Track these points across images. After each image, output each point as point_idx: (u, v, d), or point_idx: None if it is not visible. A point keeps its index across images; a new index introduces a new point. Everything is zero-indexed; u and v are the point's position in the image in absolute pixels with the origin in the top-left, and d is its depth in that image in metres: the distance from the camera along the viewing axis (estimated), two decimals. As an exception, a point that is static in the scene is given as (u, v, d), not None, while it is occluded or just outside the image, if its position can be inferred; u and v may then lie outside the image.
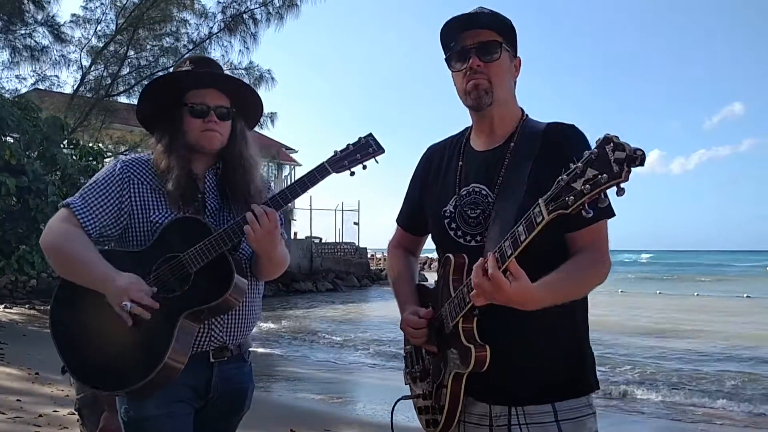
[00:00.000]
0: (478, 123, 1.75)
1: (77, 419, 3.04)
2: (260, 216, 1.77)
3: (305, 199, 29.52)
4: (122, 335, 1.79)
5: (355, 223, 30.80)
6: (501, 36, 1.67)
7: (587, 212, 1.23)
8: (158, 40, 14.65)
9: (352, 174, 1.87)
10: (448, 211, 1.72)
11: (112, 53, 14.50)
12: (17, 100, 10.39)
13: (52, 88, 14.54)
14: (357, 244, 30.28)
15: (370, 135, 1.88)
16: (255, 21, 14.54)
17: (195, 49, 14.61)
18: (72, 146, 10.30)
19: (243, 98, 2.00)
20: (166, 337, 1.74)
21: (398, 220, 1.98)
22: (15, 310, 13.96)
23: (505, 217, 1.55)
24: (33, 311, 13.87)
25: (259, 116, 2.10)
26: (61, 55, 14.02)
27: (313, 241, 28.26)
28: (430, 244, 2.04)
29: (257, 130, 2.18)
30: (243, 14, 14.49)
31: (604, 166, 1.18)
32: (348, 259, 29.00)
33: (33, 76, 14.05)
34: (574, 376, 1.63)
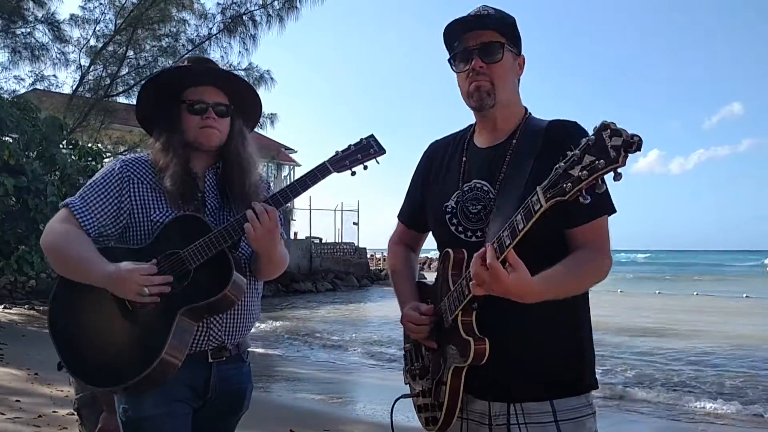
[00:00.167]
0: (481, 122, 1.77)
1: (76, 419, 3.04)
2: (260, 214, 1.77)
3: (305, 199, 29.56)
4: (120, 331, 1.79)
5: (354, 223, 30.81)
6: (504, 36, 1.67)
7: (585, 198, 1.24)
8: (157, 41, 14.65)
9: (353, 174, 1.87)
10: (450, 206, 1.73)
11: (111, 53, 14.50)
12: (16, 100, 10.38)
13: (51, 89, 14.54)
14: (356, 244, 30.27)
15: (372, 136, 1.89)
16: (254, 23, 14.55)
17: (194, 50, 14.61)
18: (71, 146, 10.30)
19: (242, 96, 1.99)
20: (164, 333, 1.74)
21: (399, 216, 1.99)
22: (14, 310, 13.94)
23: (505, 213, 1.55)
24: (32, 312, 13.85)
25: (259, 115, 2.10)
26: (61, 52, 14.03)
27: (312, 241, 28.24)
28: (429, 244, 2.04)
29: (256, 130, 2.18)
30: (242, 16, 14.50)
31: (601, 152, 1.19)
32: (347, 260, 28.99)
33: (31, 77, 14.06)
34: (573, 373, 1.63)
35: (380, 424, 5.88)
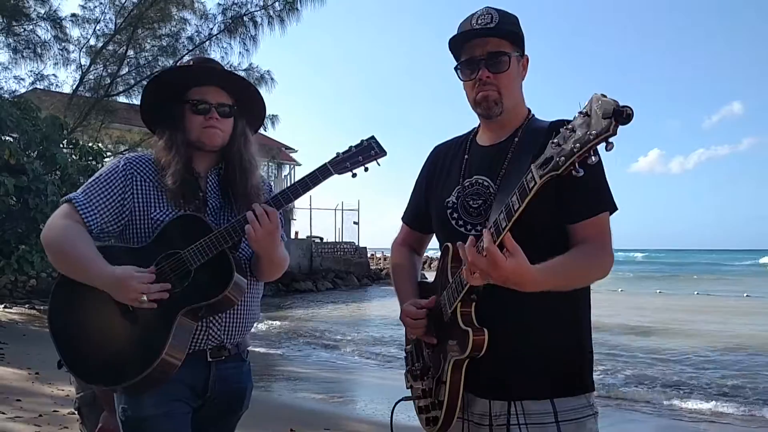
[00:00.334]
0: (486, 124, 1.78)
1: (77, 419, 3.04)
2: (260, 215, 1.77)
3: (305, 198, 29.50)
4: (120, 331, 1.79)
5: (354, 223, 30.81)
6: (509, 42, 1.67)
7: (577, 171, 1.24)
8: (158, 40, 14.64)
9: (354, 176, 1.87)
10: (451, 201, 1.74)
11: (111, 53, 14.49)
12: (16, 100, 10.38)
13: (51, 88, 14.54)
14: (357, 243, 30.27)
15: (373, 137, 1.90)
16: (255, 24, 14.55)
17: (195, 50, 14.61)
18: (72, 146, 10.29)
19: (246, 98, 2.00)
20: (164, 333, 1.74)
21: (404, 217, 2.01)
22: (15, 309, 13.94)
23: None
24: (33, 311, 13.85)
25: (263, 117, 2.09)
26: (64, 49, 14.01)
27: (313, 240, 28.24)
28: (430, 245, 2.05)
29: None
30: (243, 17, 14.50)
31: (592, 124, 1.20)
32: (348, 259, 28.99)
33: (31, 76, 14.05)
34: (574, 369, 1.63)
35: (381, 423, 5.89)
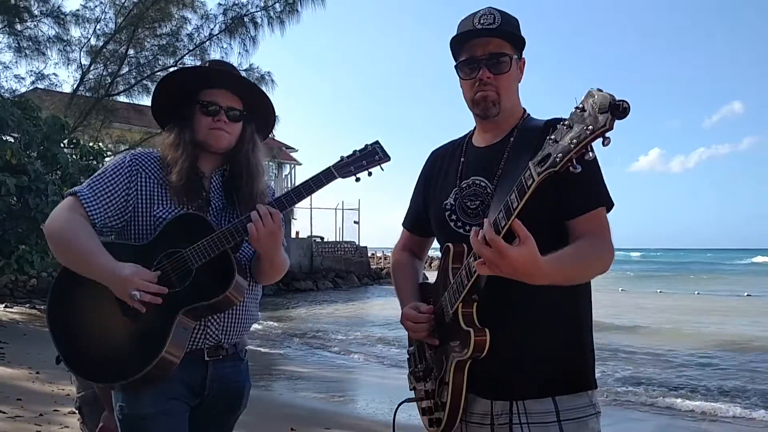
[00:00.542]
0: (482, 125, 1.79)
1: (78, 418, 3.05)
2: (264, 216, 1.78)
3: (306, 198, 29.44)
4: (119, 328, 1.79)
5: (355, 222, 30.79)
6: (510, 43, 1.68)
7: (575, 168, 1.24)
8: (158, 39, 14.65)
9: (358, 180, 1.88)
10: (449, 203, 1.75)
11: (111, 52, 14.50)
12: (17, 100, 10.38)
13: (52, 88, 14.55)
14: (357, 243, 30.25)
15: (377, 142, 1.91)
16: (255, 24, 14.56)
17: (195, 50, 14.62)
18: (72, 145, 10.29)
19: (256, 104, 2.00)
20: (164, 332, 1.75)
21: (404, 223, 2.01)
22: (15, 309, 13.94)
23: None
24: (33, 311, 13.85)
25: (272, 125, 2.10)
26: (66, 45, 14.02)
27: (314, 240, 28.23)
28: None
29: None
30: (244, 17, 14.50)
31: (589, 119, 1.20)
32: (348, 258, 28.98)
33: (32, 75, 14.06)
34: (575, 369, 1.62)
35: (381, 423, 5.89)
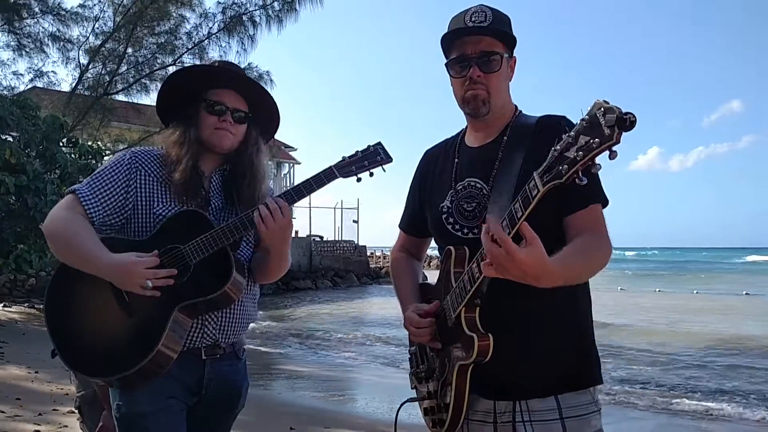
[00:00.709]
0: (473, 125, 1.78)
1: (77, 417, 3.04)
2: (275, 211, 1.79)
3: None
4: (115, 322, 1.80)
5: (354, 221, 30.76)
6: (501, 42, 1.67)
7: (581, 180, 1.23)
8: (156, 37, 14.65)
9: (359, 180, 1.88)
10: (445, 206, 1.74)
11: (110, 51, 14.49)
12: (16, 98, 10.37)
13: (51, 87, 14.54)
14: (356, 242, 30.23)
15: (380, 143, 1.91)
16: (254, 23, 14.56)
17: (193, 48, 14.61)
18: (71, 145, 10.28)
19: (262, 107, 2.00)
20: (160, 326, 1.75)
21: (400, 224, 2.01)
22: (14, 308, 13.92)
23: (499, 208, 1.56)
24: (32, 310, 13.83)
25: (276, 129, 2.10)
26: (66, 42, 14.00)
27: (313, 239, 28.21)
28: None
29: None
30: (242, 16, 14.50)
31: (595, 131, 1.18)
32: (347, 257, 28.97)
33: (30, 72, 14.05)
34: (578, 366, 1.62)
35: (380, 422, 5.89)
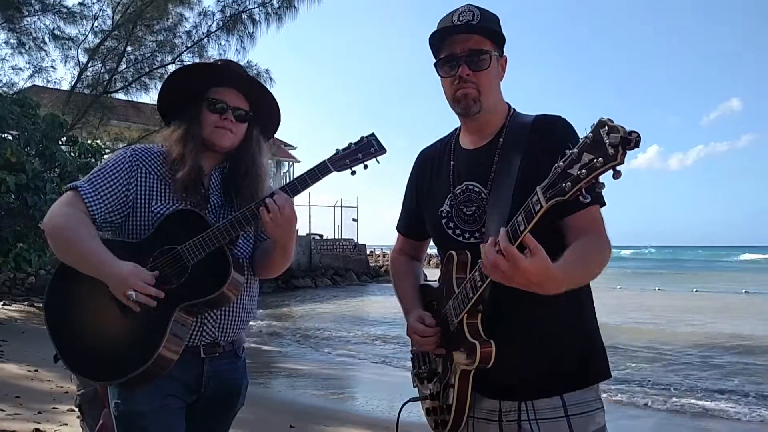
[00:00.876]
0: (466, 125, 1.77)
1: (77, 415, 3.05)
2: (282, 207, 1.78)
3: (304, 195, 29.42)
4: (116, 325, 1.79)
5: (354, 220, 30.74)
6: (490, 40, 1.66)
7: (585, 197, 1.23)
8: (155, 35, 14.63)
9: (353, 173, 1.88)
10: (445, 210, 1.73)
11: (109, 49, 14.47)
12: (16, 97, 10.36)
13: (50, 85, 14.52)
14: (356, 240, 30.23)
15: (372, 135, 1.90)
16: (253, 21, 14.54)
17: (193, 47, 14.60)
18: (70, 143, 10.27)
19: (263, 106, 2.00)
20: (161, 328, 1.74)
21: (398, 227, 2.00)
22: (14, 307, 13.91)
23: (499, 212, 1.56)
24: (32, 308, 13.83)
25: (276, 128, 2.09)
26: (66, 40, 13.97)
27: (312, 237, 28.20)
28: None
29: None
30: (242, 14, 14.48)
31: (599, 150, 1.18)
32: (347, 256, 28.97)
33: (29, 68, 14.02)
34: (583, 367, 1.63)
35: (380, 420, 5.90)
